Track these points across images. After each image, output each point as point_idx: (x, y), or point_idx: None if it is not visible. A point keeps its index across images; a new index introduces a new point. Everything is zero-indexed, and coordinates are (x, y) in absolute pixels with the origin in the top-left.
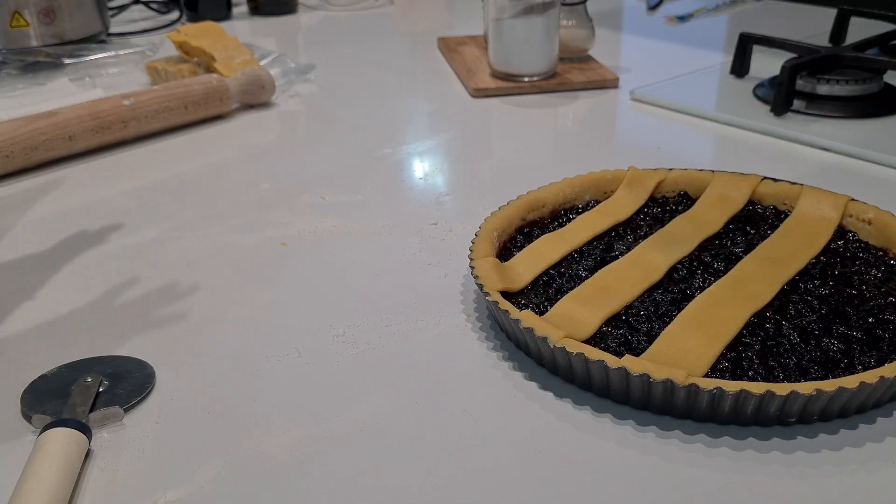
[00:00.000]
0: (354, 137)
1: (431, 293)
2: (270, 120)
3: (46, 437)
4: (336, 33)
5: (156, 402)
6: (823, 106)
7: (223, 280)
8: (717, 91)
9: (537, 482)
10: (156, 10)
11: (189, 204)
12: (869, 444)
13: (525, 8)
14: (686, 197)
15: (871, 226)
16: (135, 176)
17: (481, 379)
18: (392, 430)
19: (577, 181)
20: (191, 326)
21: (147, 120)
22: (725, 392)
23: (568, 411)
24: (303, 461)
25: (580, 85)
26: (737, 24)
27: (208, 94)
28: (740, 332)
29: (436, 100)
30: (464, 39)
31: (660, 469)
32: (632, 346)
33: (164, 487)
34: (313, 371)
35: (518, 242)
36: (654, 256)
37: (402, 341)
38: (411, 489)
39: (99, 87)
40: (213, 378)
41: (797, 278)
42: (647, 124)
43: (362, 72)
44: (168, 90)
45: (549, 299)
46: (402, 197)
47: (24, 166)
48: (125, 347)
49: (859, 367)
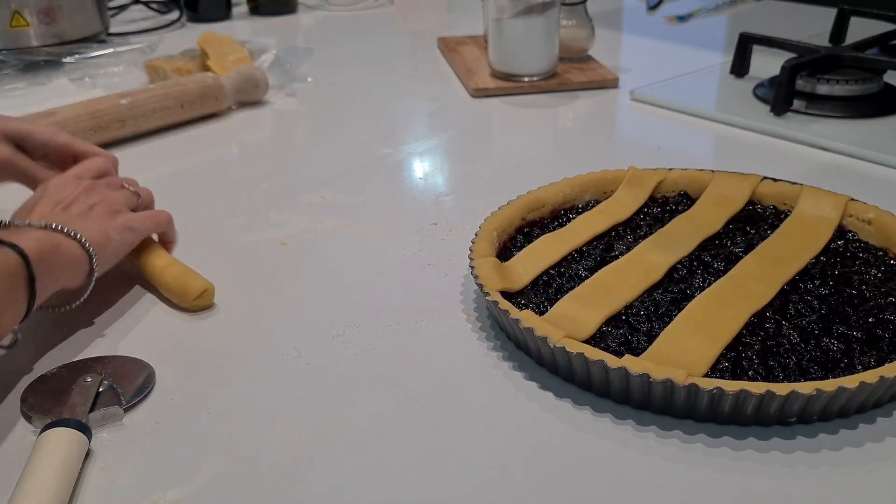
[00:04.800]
0: (354, 137)
1: (431, 293)
2: (265, 118)
3: (46, 437)
4: (336, 33)
5: (156, 402)
6: (823, 106)
7: (223, 280)
8: (717, 91)
9: (537, 482)
10: (156, 10)
11: (188, 203)
12: (869, 444)
13: (525, 8)
14: (686, 197)
15: (871, 226)
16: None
17: (481, 379)
18: (392, 429)
19: (577, 181)
20: (191, 326)
21: (144, 119)
22: (725, 392)
23: (568, 411)
24: (303, 461)
25: (580, 85)
26: (737, 24)
27: (204, 93)
28: (740, 332)
29: (436, 100)
30: (464, 39)
31: (660, 469)
32: (632, 346)
33: (164, 487)
34: (313, 371)
35: (518, 242)
36: (654, 256)
37: (402, 341)
38: (411, 489)
39: (99, 87)
40: (213, 378)
41: (797, 278)
42: (647, 124)
43: (362, 72)
44: (164, 89)
45: (549, 299)
46: (402, 197)
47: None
48: (125, 347)
49: (859, 367)
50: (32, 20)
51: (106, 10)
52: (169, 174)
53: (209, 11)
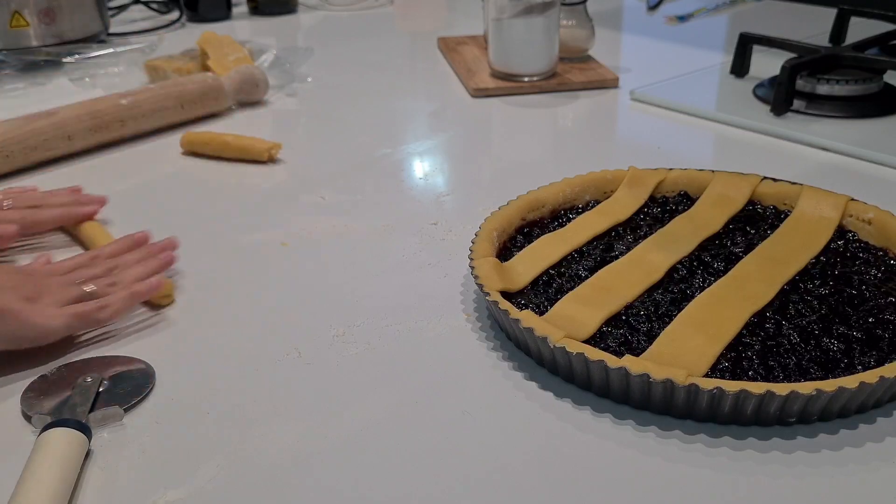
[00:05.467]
0: (354, 137)
1: (431, 293)
2: (265, 118)
3: (46, 437)
4: (336, 33)
5: (156, 402)
6: (823, 106)
7: (223, 280)
8: (717, 91)
9: (537, 481)
10: (156, 10)
11: (188, 203)
12: (869, 444)
13: (525, 8)
14: (686, 197)
15: (871, 226)
16: (133, 175)
17: (481, 379)
18: (392, 429)
19: (577, 181)
20: (191, 326)
21: (144, 119)
22: (725, 392)
23: (568, 411)
24: (302, 461)
25: (580, 85)
26: (737, 24)
27: (204, 93)
28: (740, 332)
29: (436, 100)
30: (464, 39)
31: (660, 469)
32: (632, 346)
33: (164, 487)
34: (313, 371)
35: (518, 242)
36: (654, 256)
37: (402, 341)
38: (411, 489)
39: (99, 87)
40: (213, 378)
41: (797, 278)
42: (647, 124)
43: (362, 71)
44: (164, 89)
45: (549, 299)
46: (402, 197)
47: (24, 166)
48: (125, 347)
49: (859, 367)
50: (32, 20)
51: (106, 10)
52: (169, 174)
53: (209, 11)
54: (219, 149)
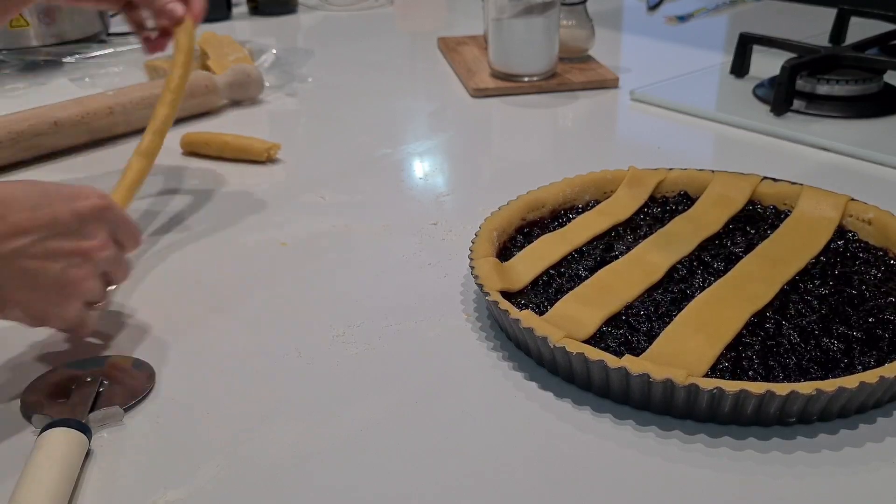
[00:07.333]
0: (354, 137)
1: (431, 293)
2: (265, 118)
3: (46, 437)
4: (336, 33)
5: (156, 402)
6: (823, 106)
7: (223, 280)
8: (717, 91)
9: (537, 481)
10: None
11: (188, 203)
12: (869, 444)
13: (525, 8)
14: (686, 197)
15: (871, 226)
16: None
17: (481, 379)
18: (392, 429)
19: (577, 181)
20: (191, 326)
21: (136, 116)
22: (725, 392)
23: (568, 411)
24: (302, 461)
25: (580, 85)
26: (737, 24)
27: (195, 88)
28: (740, 332)
29: (436, 100)
30: (464, 39)
31: (660, 469)
32: (632, 346)
33: (164, 487)
34: (313, 371)
35: (518, 242)
36: (654, 256)
37: (402, 341)
38: (411, 489)
39: (99, 87)
40: (213, 378)
41: (797, 278)
42: (647, 124)
43: (362, 71)
44: (155, 85)
45: (549, 299)
46: (402, 197)
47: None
48: (125, 347)
49: (859, 367)
50: (32, 20)
51: (106, 10)
52: (169, 174)
53: (209, 11)
54: (218, 149)
